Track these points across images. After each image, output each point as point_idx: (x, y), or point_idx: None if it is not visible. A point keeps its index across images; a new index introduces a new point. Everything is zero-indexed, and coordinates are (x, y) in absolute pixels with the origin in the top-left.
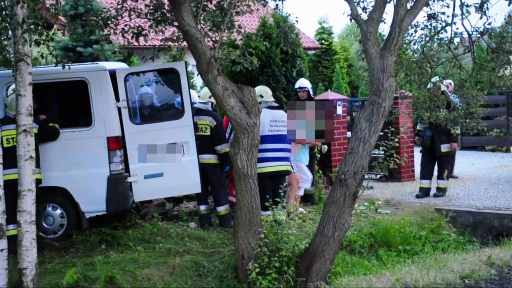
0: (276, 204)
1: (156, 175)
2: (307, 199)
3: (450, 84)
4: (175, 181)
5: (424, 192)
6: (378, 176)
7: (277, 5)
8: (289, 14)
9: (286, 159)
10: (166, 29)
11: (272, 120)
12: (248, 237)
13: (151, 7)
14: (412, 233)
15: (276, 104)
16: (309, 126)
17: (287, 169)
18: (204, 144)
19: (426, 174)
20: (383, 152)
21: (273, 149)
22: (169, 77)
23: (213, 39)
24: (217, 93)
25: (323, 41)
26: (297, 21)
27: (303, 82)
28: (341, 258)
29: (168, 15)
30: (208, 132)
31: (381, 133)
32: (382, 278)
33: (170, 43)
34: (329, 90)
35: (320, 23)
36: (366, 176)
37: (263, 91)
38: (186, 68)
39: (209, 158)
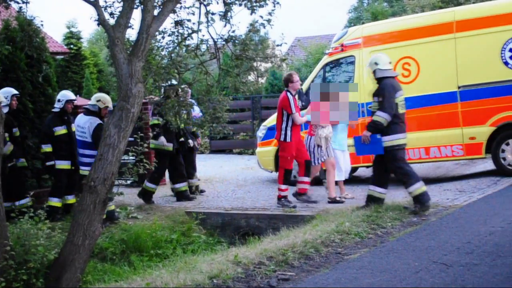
0: None
1: None
2: None
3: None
4: None
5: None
6: (129, 181)
7: (20, 7)
8: (34, 18)
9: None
10: None
11: (78, 125)
12: None
13: None
14: (164, 237)
15: (93, 109)
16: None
17: None
18: None
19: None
20: (133, 157)
21: (80, 154)
22: None
23: None
24: None
25: (71, 46)
26: (42, 24)
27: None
28: (93, 266)
29: None
30: None
31: (131, 139)
32: (133, 283)
33: None
34: (78, 95)
35: (68, 27)
36: (116, 182)
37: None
38: None
39: None
